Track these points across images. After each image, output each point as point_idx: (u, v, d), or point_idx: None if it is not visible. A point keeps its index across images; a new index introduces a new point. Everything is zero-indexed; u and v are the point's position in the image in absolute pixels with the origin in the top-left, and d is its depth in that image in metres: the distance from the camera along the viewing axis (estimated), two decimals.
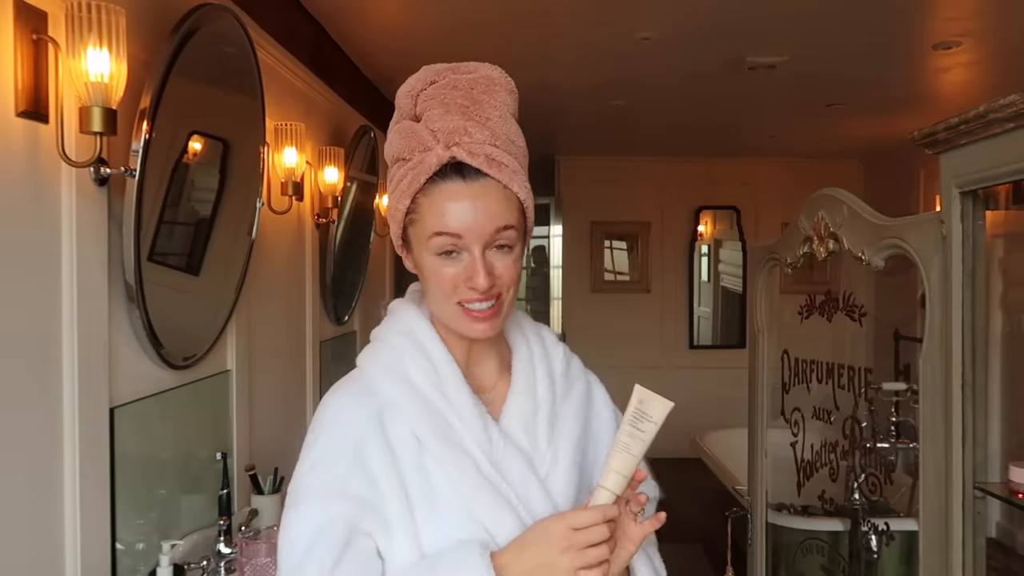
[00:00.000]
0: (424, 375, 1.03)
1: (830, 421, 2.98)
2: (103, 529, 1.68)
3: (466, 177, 0.98)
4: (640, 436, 0.94)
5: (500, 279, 1.00)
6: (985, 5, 3.01)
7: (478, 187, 0.98)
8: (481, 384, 1.09)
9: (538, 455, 1.06)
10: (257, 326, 2.59)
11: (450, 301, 1.01)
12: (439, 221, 0.98)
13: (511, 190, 1.00)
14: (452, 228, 0.98)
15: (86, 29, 1.49)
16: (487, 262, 0.99)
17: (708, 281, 6.93)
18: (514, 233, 1.00)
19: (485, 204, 0.98)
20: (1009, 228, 2.09)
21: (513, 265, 1.01)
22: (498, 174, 0.99)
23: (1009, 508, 2.02)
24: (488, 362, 1.11)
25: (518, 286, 1.04)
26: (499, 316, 1.02)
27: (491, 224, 0.98)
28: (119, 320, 1.76)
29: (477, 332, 1.02)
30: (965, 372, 1.79)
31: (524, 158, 1.04)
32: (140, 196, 1.71)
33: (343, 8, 3.02)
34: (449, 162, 0.98)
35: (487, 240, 0.98)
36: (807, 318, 2.95)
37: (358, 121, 3.75)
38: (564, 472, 1.06)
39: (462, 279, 0.99)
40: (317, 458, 1.00)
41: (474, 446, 1.00)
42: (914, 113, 4.53)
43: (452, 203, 0.98)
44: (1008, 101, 1.58)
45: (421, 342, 1.06)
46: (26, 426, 1.47)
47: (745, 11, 3.04)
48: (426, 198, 0.99)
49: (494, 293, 1.00)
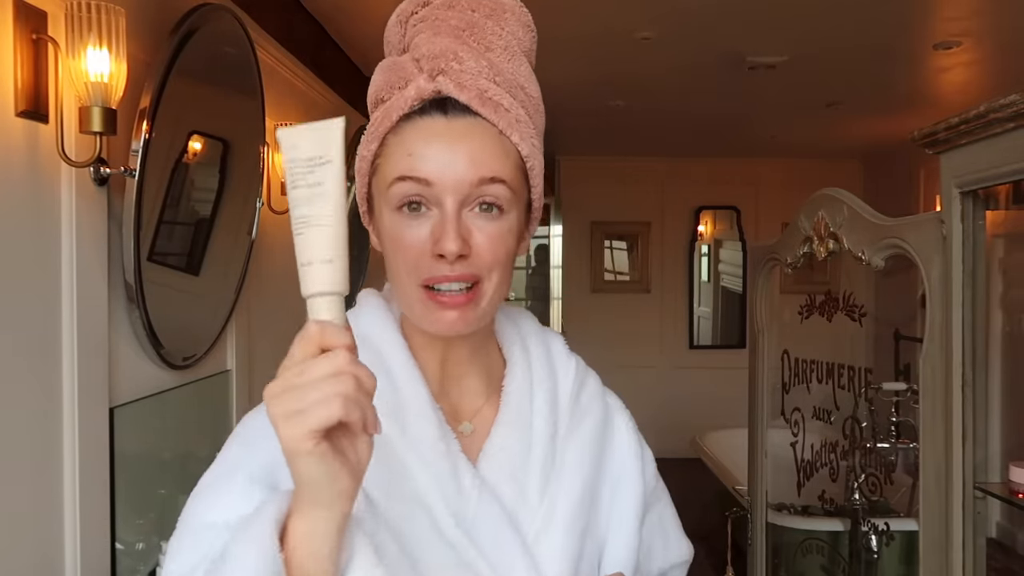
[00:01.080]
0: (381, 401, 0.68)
1: (830, 421, 2.98)
2: (103, 529, 1.67)
3: (449, 113, 0.74)
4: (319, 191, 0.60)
5: (480, 253, 0.73)
6: (985, 5, 3.00)
7: (463, 125, 0.74)
8: (459, 408, 0.82)
9: (526, 511, 0.78)
10: (257, 326, 2.59)
11: (412, 280, 0.74)
12: (403, 162, 0.74)
13: (509, 139, 0.75)
14: (418, 171, 0.73)
15: (86, 29, 1.49)
16: (462, 224, 0.73)
17: (708, 281, 6.93)
18: (506, 192, 0.74)
19: (468, 146, 0.73)
20: (1009, 228, 2.09)
21: (500, 237, 0.74)
22: (493, 115, 0.75)
23: (1009, 508, 2.02)
24: (471, 378, 0.83)
25: (507, 271, 0.77)
26: (475, 306, 0.74)
27: (473, 171, 0.73)
28: (119, 320, 1.76)
29: (444, 325, 0.74)
30: (965, 372, 1.79)
31: (537, 113, 0.80)
32: (140, 196, 1.71)
33: (343, 8, 3.02)
34: (432, 97, 0.74)
35: (465, 193, 0.73)
36: (807, 318, 2.95)
37: (358, 121, 3.75)
38: (560, 537, 0.78)
39: (428, 246, 0.73)
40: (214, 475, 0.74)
41: (436, 497, 0.73)
42: (914, 113, 4.52)
43: (423, 140, 0.74)
44: (1008, 101, 1.58)
45: (379, 349, 0.79)
46: (26, 426, 1.47)
47: (745, 11, 3.04)
48: (395, 137, 0.76)
49: (469, 272, 0.73)
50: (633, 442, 0.89)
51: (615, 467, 0.87)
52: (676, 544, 0.94)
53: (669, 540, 0.94)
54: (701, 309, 6.89)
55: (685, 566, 0.95)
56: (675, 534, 0.95)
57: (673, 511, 0.96)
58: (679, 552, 0.95)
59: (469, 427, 0.81)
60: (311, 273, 0.60)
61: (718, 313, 6.94)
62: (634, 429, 0.90)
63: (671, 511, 0.96)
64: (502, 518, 0.76)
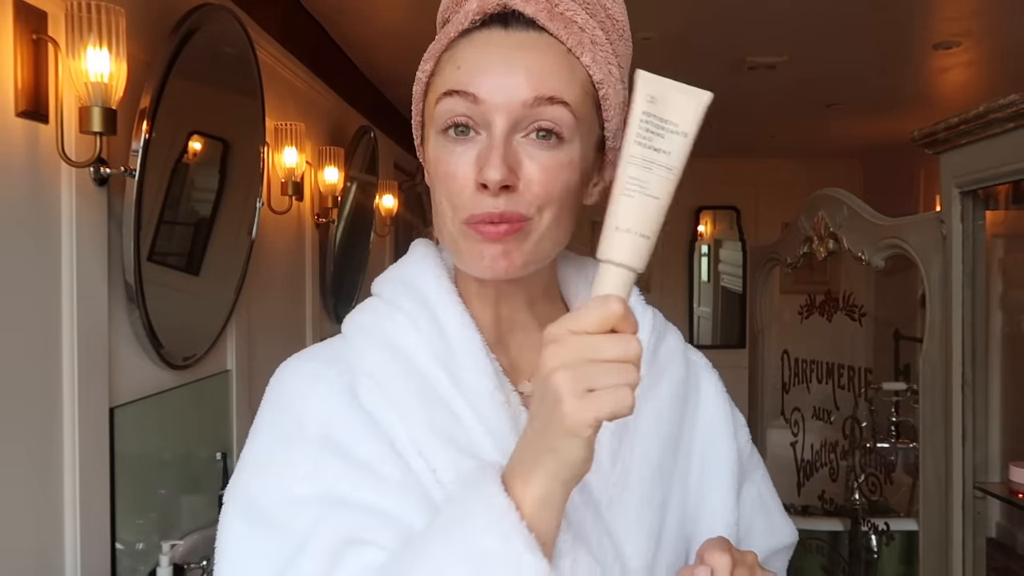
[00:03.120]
0: (426, 344, 0.68)
1: (830, 421, 2.99)
2: (103, 529, 1.67)
3: (509, 26, 0.66)
4: (662, 161, 0.55)
5: (530, 186, 0.64)
6: (985, 5, 3.00)
7: (523, 39, 0.65)
8: (518, 365, 0.73)
9: (596, 476, 0.67)
10: (257, 326, 2.59)
11: (457, 215, 0.65)
12: (451, 76, 0.66)
13: (579, 60, 0.66)
14: (465, 84, 0.64)
15: (86, 29, 1.49)
16: (511, 151, 0.63)
17: (708, 281, 6.93)
18: (567, 117, 0.64)
19: (526, 60, 0.64)
20: (1009, 228, 2.09)
21: (557, 168, 0.64)
22: (563, 31, 0.66)
23: (1009, 508, 2.02)
24: (531, 332, 0.73)
25: (567, 212, 0.67)
26: (521, 244, 0.65)
27: (528, 88, 0.63)
28: (119, 320, 1.76)
29: (484, 264, 0.65)
30: (965, 372, 1.79)
31: (621, 40, 0.71)
32: (140, 196, 1.71)
33: (343, 8, 3.02)
34: (496, 11, 0.66)
35: (518, 115, 0.63)
36: (807, 318, 2.96)
37: (358, 121, 3.75)
38: (636, 506, 0.68)
39: (472, 174, 0.64)
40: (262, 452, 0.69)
41: (494, 453, 0.64)
42: (914, 113, 4.52)
43: (476, 52, 0.66)
44: (1008, 101, 1.58)
45: (426, 297, 0.71)
46: (26, 426, 1.47)
47: (745, 11, 3.04)
48: (450, 52, 0.68)
49: (515, 212, 0.63)
50: (722, 402, 0.79)
51: (702, 431, 0.77)
52: (781, 524, 0.81)
53: (772, 519, 0.81)
54: (701, 309, 6.89)
55: (789, 551, 0.82)
56: (778, 512, 0.82)
57: (772, 488, 0.84)
58: (784, 534, 0.81)
59: (530, 387, 0.70)
60: (624, 240, 0.54)
61: (718, 313, 6.94)
62: (723, 389, 0.81)
63: (770, 486, 0.84)
64: None
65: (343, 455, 0.64)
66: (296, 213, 2.98)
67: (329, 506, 0.63)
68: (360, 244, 3.82)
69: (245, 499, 0.67)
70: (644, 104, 0.55)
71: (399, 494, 0.63)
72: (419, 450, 0.65)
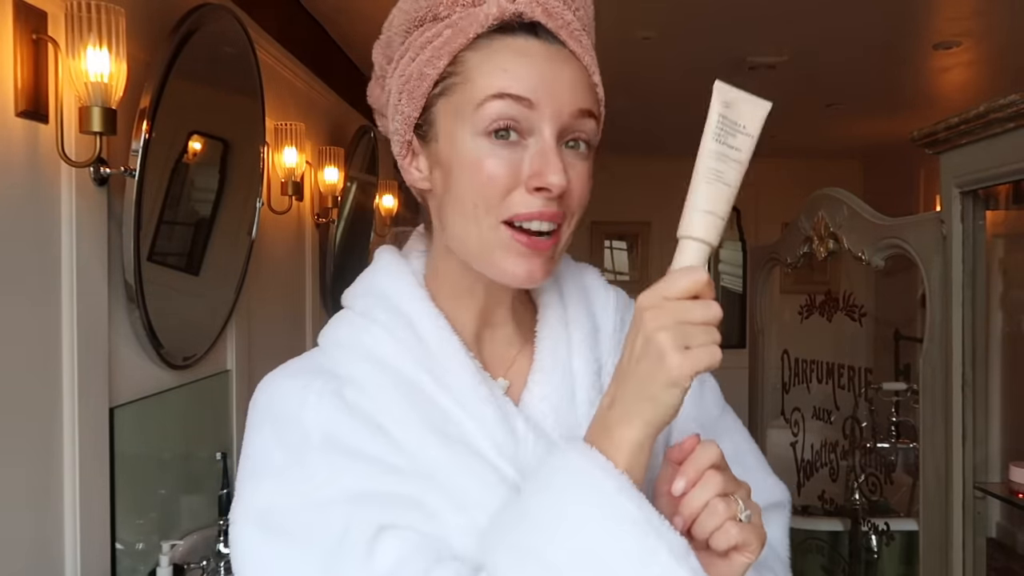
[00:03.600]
0: (405, 351, 0.70)
1: (830, 421, 2.99)
2: (103, 529, 1.67)
3: (540, 37, 0.68)
4: (734, 156, 0.64)
5: (572, 191, 0.67)
6: (985, 5, 3.00)
7: (557, 52, 0.68)
8: (490, 362, 0.75)
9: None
10: (257, 326, 2.59)
11: (491, 217, 0.67)
12: (500, 78, 0.66)
13: (593, 79, 0.71)
14: (519, 89, 0.65)
15: (86, 29, 1.49)
16: (563, 156, 0.67)
17: None
18: (595, 129, 0.70)
19: (568, 72, 0.68)
20: (1009, 228, 2.09)
21: (588, 178, 0.69)
22: (579, 49, 0.69)
23: (1009, 508, 2.02)
24: (503, 328, 0.77)
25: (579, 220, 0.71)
26: (553, 254, 0.69)
27: (574, 100, 0.67)
28: (119, 320, 1.76)
29: (523, 273, 0.67)
30: (965, 372, 1.80)
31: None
32: (140, 196, 1.71)
33: (343, 8, 3.02)
34: (513, 19, 0.67)
35: (564, 123, 0.67)
36: (807, 318, 2.96)
37: (358, 121, 3.75)
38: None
39: (524, 176, 0.66)
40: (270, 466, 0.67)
41: (486, 443, 0.68)
42: (914, 113, 4.52)
43: (521, 57, 0.67)
44: (1008, 101, 1.58)
45: (399, 306, 0.73)
46: (26, 426, 1.47)
47: (746, 11, 3.04)
48: (477, 53, 0.67)
49: (561, 212, 0.67)
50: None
51: None
52: (762, 481, 0.80)
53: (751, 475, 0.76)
54: None
55: (781, 508, 0.82)
56: (759, 472, 0.82)
57: (754, 449, 0.85)
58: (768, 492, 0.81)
59: (504, 383, 0.74)
60: (705, 220, 0.63)
61: None
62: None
63: (750, 447, 0.85)
64: None
65: (354, 455, 0.65)
66: (296, 213, 2.98)
67: (355, 504, 0.63)
68: (360, 244, 3.81)
69: (265, 517, 0.65)
70: (720, 108, 0.64)
71: (417, 480, 0.65)
72: (418, 445, 0.67)
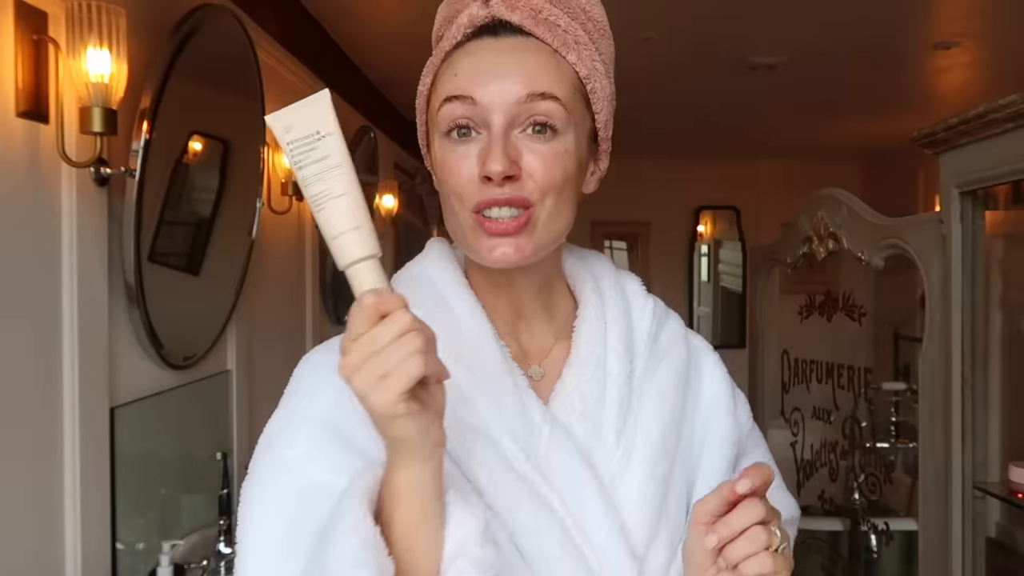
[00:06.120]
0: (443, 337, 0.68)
1: (830, 421, 2.99)
2: (103, 529, 1.68)
3: (499, 34, 0.73)
4: (326, 166, 0.60)
5: (532, 175, 0.69)
6: (985, 5, 3.01)
7: (512, 43, 0.72)
8: (527, 351, 0.78)
9: (602, 453, 0.74)
10: (257, 326, 2.59)
11: (464, 208, 0.71)
12: (450, 82, 0.72)
13: (564, 59, 0.73)
14: (463, 89, 0.70)
15: (86, 29, 1.49)
16: (510, 145, 0.69)
17: (708, 281, 6.93)
18: (559, 111, 0.70)
19: (517, 61, 0.71)
20: (1009, 228, 2.09)
21: (554, 157, 0.70)
22: (547, 34, 0.72)
23: (1009, 508, 2.02)
24: (540, 319, 0.79)
25: (567, 199, 0.73)
26: (529, 235, 0.70)
27: (521, 86, 0.70)
28: (119, 320, 1.76)
29: (495, 256, 0.70)
30: (965, 372, 1.80)
31: (602, 38, 0.79)
32: (140, 196, 1.71)
33: (343, 8, 3.02)
34: (484, 23, 0.73)
35: (514, 112, 0.69)
36: (807, 318, 2.96)
37: (358, 121, 3.75)
38: (640, 481, 0.73)
39: (476, 169, 0.69)
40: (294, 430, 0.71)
41: (501, 431, 0.70)
42: (914, 113, 4.52)
43: (470, 59, 0.72)
44: (1008, 101, 1.58)
45: (442, 292, 0.77)
46: (26, 426, 1.47)
47: (746, 11, 3.04)
48: (444, 64, 0.74)
49: (519, 196, 0.69)
50: (723, 381, 0.85)
51: (703, 409, 0.82)
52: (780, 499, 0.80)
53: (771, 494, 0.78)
54: (701, 309, 6.89)
55: (791, 524, 0.83)
56: (778, 489, 0.82)
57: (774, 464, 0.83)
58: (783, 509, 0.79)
59: (539, 371, 0.77)
60: (343, 243, 0.60)
61: (718, 313, 6.93)
62: (723, 370, 0.86)
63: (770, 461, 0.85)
64: (576, 456, 0.72)
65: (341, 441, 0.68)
66: (296, 213, 2.98)
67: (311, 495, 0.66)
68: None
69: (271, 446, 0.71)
70: (284, 136, 0.60)
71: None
72: None
